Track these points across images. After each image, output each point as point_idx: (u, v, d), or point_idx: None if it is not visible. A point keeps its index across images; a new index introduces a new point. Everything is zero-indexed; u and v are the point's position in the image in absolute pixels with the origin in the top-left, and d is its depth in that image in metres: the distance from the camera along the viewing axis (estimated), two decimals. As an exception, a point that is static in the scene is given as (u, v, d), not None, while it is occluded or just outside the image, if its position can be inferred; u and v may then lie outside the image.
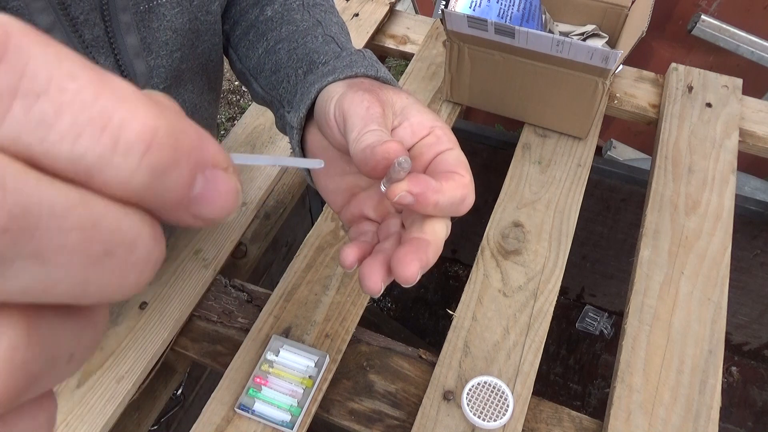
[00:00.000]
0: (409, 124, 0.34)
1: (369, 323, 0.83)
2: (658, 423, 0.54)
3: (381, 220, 0.37)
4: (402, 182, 0.30)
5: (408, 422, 0.56)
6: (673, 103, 0.79)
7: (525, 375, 0.57)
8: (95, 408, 0.54)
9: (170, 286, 0.63)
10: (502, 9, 0.75)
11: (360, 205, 0.37)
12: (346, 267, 0.33)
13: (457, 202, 0.31)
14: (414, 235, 0.31)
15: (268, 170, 0.74)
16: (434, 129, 0.34)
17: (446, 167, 0.32)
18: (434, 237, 0.31)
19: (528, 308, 0.61)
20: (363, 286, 0.31)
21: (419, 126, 0.34)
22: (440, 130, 0.34)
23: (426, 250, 0.30)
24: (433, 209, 0.30)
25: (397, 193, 0.29)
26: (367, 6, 0.93)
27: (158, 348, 0.58)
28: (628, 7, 0.77)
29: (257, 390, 0.55)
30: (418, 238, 0.31)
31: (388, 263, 0.31)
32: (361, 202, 0.37)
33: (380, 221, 0.37)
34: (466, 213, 0.32)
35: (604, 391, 1.37)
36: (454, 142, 0.33)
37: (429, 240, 0.30)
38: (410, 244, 0.30)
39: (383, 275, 0.30)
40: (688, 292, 0.62)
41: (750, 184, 1.26)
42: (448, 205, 0.30)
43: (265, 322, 0.60)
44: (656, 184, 0.71)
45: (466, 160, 0.33)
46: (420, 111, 0.34)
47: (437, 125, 0.34)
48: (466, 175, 0.32)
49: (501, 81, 0.73)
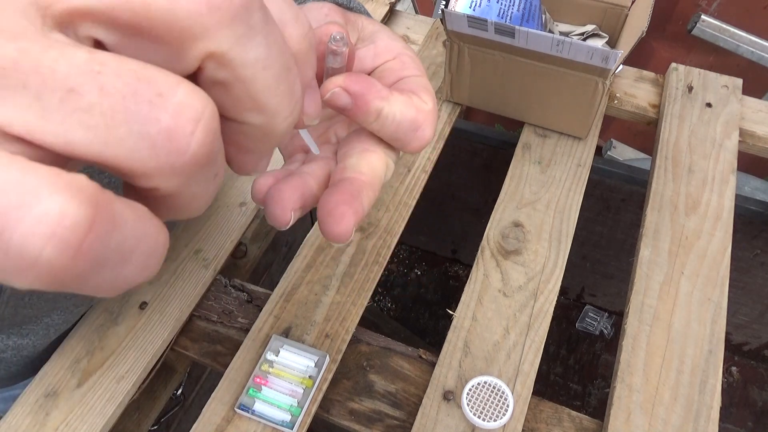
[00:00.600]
0: (374, 46, 0.30)
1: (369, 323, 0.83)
2: (658, 423, 0.54)
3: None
4: (338, 76, 0.24)
5: (408, 422, 0.56)
6: (673, 103, 0.79)
7: (525, 375, 0.57)
8: (95, 408, 0.54)
9: (170, 286, 0.63)
10: (502, 9, 0.75)
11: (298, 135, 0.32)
12: (258, 201, 0.26)
13: (407, 123, 0.25)
14: (347, 175, 0.25)
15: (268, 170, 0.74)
16: (401, 55, 0.29)
17: (407, 89, 0.27)
18: (371, 176, 0.26)
19: (528, 308, 0.61)
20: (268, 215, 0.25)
21: (385, 49, 0.30)
22: (407, 56, 0.29)
23: (360, 196, 0.25)
24: (375, 121, 0.25)
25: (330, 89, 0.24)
26: (367, 6, 0.93)
27: (158, 348, 0.58)
28: (628, 7, 0.77)
29: (257, 390, 0.55)
30: (351, 179, 0.25)
31: (305, 190, 0.26)
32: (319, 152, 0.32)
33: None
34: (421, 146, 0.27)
35: (604, 391, 1.37)
36: (421, 70, 0.29)
37: (364, 181, 0.25)
38: (342, 190, 0.24)
39: (295, 202, 0.25)
40: (688, 292, 0.62)
41: (750, 184, 1.26)
42: (394, 122, 0.25)
43: (265, 322, 0.60)
44: (656, 184, 0.71)
45: (433, 92, 0.28)
46: (390, 37, 0.30)
47: (405, 52, 0.30)
48: (428, 102, 0.27)
49: (501, 81, 0.73)
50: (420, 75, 0.29)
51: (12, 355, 0.55)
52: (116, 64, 0.13)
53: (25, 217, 0.12)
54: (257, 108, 0.16)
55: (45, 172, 0.12)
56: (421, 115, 0.26)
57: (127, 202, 0.14)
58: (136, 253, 0.14)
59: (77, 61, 0.13)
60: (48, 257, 0.12)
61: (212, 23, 0.14)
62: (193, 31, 0.14)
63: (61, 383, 0.56)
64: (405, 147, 0.26)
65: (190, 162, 0.14)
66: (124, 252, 0.14)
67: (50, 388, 0.56)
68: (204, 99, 0.14)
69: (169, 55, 0.15)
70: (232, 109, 0.16)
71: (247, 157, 0.18)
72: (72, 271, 0.12)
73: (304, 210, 0.26)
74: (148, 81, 0.13)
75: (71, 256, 0.12)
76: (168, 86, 0.14)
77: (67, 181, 0.12)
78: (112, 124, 0.13)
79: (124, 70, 0.13)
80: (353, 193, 0.24)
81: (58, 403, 0.55)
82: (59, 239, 0.12)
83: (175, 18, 0.14)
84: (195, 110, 0.14)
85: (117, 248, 0.13)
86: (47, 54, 0.13)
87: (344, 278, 0.63)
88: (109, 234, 0.13)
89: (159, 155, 0.14)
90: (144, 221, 0.14)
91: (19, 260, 0.12)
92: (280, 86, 0.16)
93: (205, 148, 0.14)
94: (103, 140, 0.13)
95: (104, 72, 0.13)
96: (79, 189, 0.12)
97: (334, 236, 0.24)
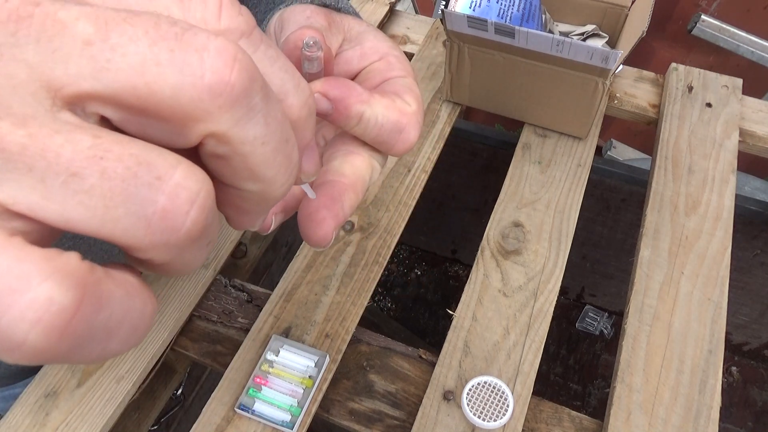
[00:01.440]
0: (361, 47, 0.29)
1: (369, 323, 0.83)
2: (658, 423, 0.54)
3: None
4: (317, 81, 0.24)
5: (408, 422, 0.56)
6: (673, 103, 0.79)
7: (525, 375, 0.57)
8: (95, 408, 0.54)
9: (170, 286, 0.63)
10: (502, 9, 0.75)
11: None
12: None
13: (390, 126, 0.25)
14: (329, 178, 0.25)
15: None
16: (387, 55, 0.29)
17: (391, 90, 0.27)
18: (354, 179, 0.25)
19: (528, 308, 0.61)
20: None
21: (371, 50, 0.29)
22: (394, 57, 0.29)
23: (341, 200, 0.24)
24: (357, 125, 0.24)
25: None
26: (367, 6, 0.93)
27: (158, 348, 0.58)
28: (628, 7, 0.77)
29: (257, 390, 0.55)
30: (332, 181, 0.25)
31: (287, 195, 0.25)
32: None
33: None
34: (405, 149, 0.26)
35: (604, 391, 1.37)
36: (407, 71, 0.29)
37: (346, 185, 0.25)
38: (322, 193, 0.24)
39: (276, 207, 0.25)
40: (688, 292, 0.62)
41: (750, 184, 1.26)
42: (376, 126, 0.25)
43: (265, 322, 0.60)
44: (656, 184, 0.71)
45: (419, 93, 0.27)
46: (377, 37, 0.30)
47: (392, 52, 0.29)
48: (412, 104, 0.26)
49: (501, 81, 0.73)
50: (405, 75, 0.28)
51: (12, 355, 0.55)
52: (119, 149, 0.14)
53: (16, 302, 0.12)
54: (255, 178, 0.17)
55: (38, 258, 0.13)
56: (405, 118, 0.25)
57: (117, 279, 0.15)
58: (122, 328, 0.15)
59: (81, 147, 0.14)
60: (33, 340, 0.13)
61: (214, 108, 0.15)
62: (195, 115, 0.15)
63: (61, 383, 0.56)
64: (390, 150, 0.26)
65: (183, 238, 0.15)
66: (110, 328, 0.14)
67: (50, 388, 0.56)
68: (200, 180, 0.15)
69: (172, 132, 0.15)
70: (230, 178, 0.17)
71: (245, 218, 0.19)
72: (57, 351, 0.13)
73: (287, 214, 0.26)
74: (148, 165, 0.14)
75: (56, 339, 0.13)
76: (166, 169, 0.14)
77: (57, 266, 0.13)
78: (111, 205, 0.14)
79: (125, 155, 0.14)
80: (334, 196, 0.24)
81: (58, 403, 0.55)
82: (45, 324, 0.13)
83: (178, 103, 0.15)
84: (191, 191, 0.15)
85: (103, 326, 0.14)
86: (53, 140, 0.13)
87: (344, 278, 0.63)
88: (95, 314, 0.14)
89: (154, 233, 0.15)
90: (132, 297, 0.15)
91: (6, 342, 0.13)
92: (277, 158, 0.17)
93: (199, 225, 0.15)
94: (100, 219, 0.14)
95: (107, 157, 0.14)
96: (68, 273, 0.13)
97: (314, 241, 0.24)
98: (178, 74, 0.14)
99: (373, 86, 0.28)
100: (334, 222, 0.24)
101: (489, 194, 1.18)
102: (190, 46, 0.15)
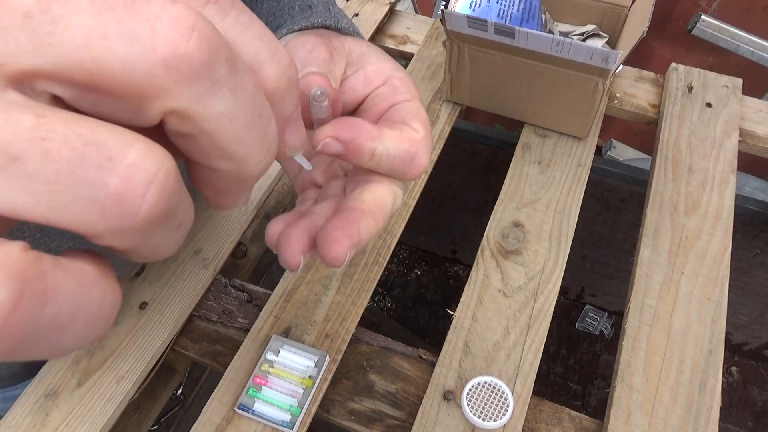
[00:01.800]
0: (364, 72, 0.29)
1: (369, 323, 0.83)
2: (658, 423, 0.54)
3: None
4: (327, 126, 0.24)
5: (408, 422, 0.56)
6: (673, 103, 0.79)
7: (525, 375, 0.57)
8: (95, 408, 0.54)
9: (170, 286, 0.63)
10: (502, 9, 0.75)
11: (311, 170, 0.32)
12: (270, 245, 0.27)
13: (402, 156, 0.25)
14: (349, 204, 0.25)
15: (268, 170, 0.74)
16: (391, 78, 0.29)
17: (398, 119, 0.27)
18: (374, 206, 0.26)
19: (528, 308, 0.61)
20: (279, 259, 0.25)
21: (375, 74, 0.29)
22: (398, 79, 0.29)
23: (358, 224, 0.24)
24: (370, 161, 0.25)
25: (320, 140, 0.24)
26: (367, 6, 0.93)
27: (158, 348, 0.58)
28: (628, 7, 0.77)
29: (257, 390, 0.55)
30: (351, 208, 0.25)
31: (314, 231, 0.25)
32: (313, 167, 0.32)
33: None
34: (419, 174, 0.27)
35: (604, 391, 1.37)
36: (412, 93, 0.29)
37: (364, 210, 0.25)
38: (340, 217, 0.25)
39: (304, 245, 0.25)
40: (688, 292, 0.62)
41: (750, 184, 1.26)
42: (389, 158, 0.25)
43: (265, 322, 0.60)
44: (656, 184, 0.71)
45: (426, 116, 0.28)
46: (378, 59, 0.30)
47: (395, 74, 0.29)
48: (420, 130, 0.27)
49: (501, 81, 0.73)
50: (411, 99, 0.28)
51: (12, 355, 0.54)
52: (64, 129, 0.13)
53: None
54: (226, 156, 0.16)
55: None
56: (415, 146, 0.26)
57: (68, 270, 0.14)
58: (76, 323, 0.14)
59: (22, 128, 0.13)
60: None
61: (170, 83, 0.14)
62: (150, 91, 0.14)
63: (61, 383, 0.56)
64: (404, 177, 0.27)
65: (142, 223, 0.14)
66: (60, 323, 0.13)
67: (50, 388, 0.56)
68: (158, 159, 0.14)
69: (128, 110, 0.14)
70: (200, 157, 0.16)
71: (225, 197, 0.19)
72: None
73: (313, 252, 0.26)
74: (97, 145, 0.13)
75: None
76: (119, 148, 0.13)
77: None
78: (57, 190, 0.13)
79: (72, 135, 0.13)
80: (350, 219, 0.24)
81: (58, 403, 0.55)
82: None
83: (130, 79, 0.14)
84: (147, 172, 0.14)
85: (50, 321, 0.13)
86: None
87: (344, 278, 0.63)
88: (38, 309, 0.13)
89: (108, 219, 0.13)
90: (87, 288, 0.14)
91: None
92: (249, 135, 0.16)
93: (158, 207, 0.14)
94: (47, 205, 0.13)
95: (50, 138, 0.13)
96: (7, 266, 0.12)
97: (328, 260, 0.24)
98: (127, 47, 0.13)
99: (380, 113, 0.28)
100: (349, 242, 0.24)
101: (489, 194, 1.18)
102: (141, 16, 0.13)
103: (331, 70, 0.28)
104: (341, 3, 0.95)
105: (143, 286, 0.62)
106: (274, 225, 0.27)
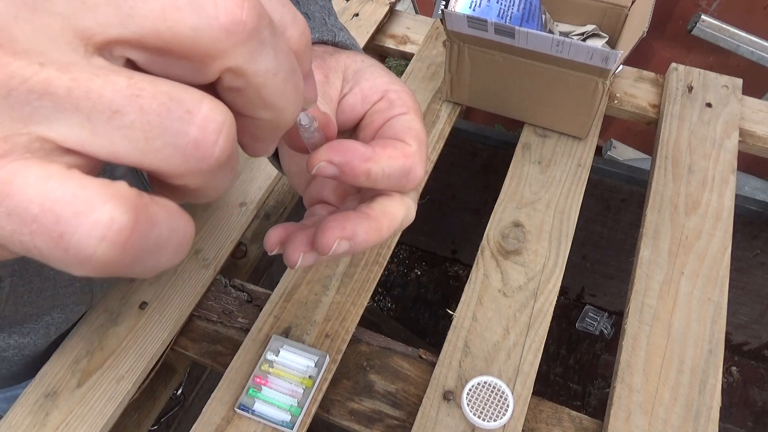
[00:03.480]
0: (360, 89, 0.30)
1: (369, 323, 0.83)
2: (658, 423, 0.54)
3: (339, 204, 0.32)
4: (321, 150, 0.25)
5: (408, 422, 0.56)
6: (673, 103, 0.79)
7: (525, 375, 0.57)
8: (95, 408, 0.54)
9: (170, 286, 0.63)
10: (502, 9, 0.75)
11: (319, 187, 0.33)
12: (267, 249, 0.28)
13: (397, 173, 0.26)
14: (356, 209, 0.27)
15: (268, 170, 0.74)
16: (387, 93, 0.30)
17: (392, 134, 0.28)
18: (380, 213, 0.27)
19: (528, 308, 0.61)
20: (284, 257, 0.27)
21: (371, 90, 0.30)
22: (393, 93, 0.30)
23: (355, 222, 0.25)
24: (366, 181, 0.26)
25: (314, 164, 0.25)
26: (367, 6, 0.93)
27: (158, 348, 0.58)
28: (628, 7, 0.77)
29: (257, 390, 0.55)
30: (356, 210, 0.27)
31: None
32: (320, 184, 0.33)
33: (338, 205, 0.32)
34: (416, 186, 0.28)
35: (604, 391, 1.37)
36: (408, 106, 0.30)
37: (369, 215, 0.26)
38: (341, 214, 0.26)
39: (306, 246, 0.26)
40: (688, 292, 0.62)
41: (750, 184, 1.26)
42: (385, 177, 0.26)
43: (265, 322, 0.60)
44: (656, 184, 0.71)
45: (420, 127, 0.29)
46: (374, 74, 0.31)
47: (391, 89, 0.30)
48: (412, 144, 0.27)
49: (501, 81, 0.73)
50: (406, 112, 0.29)
51: (14, 354, 0.55)
52: (151, 88, 0.16)
53: (83, 223, 0.15)
54: (268, 107, 0.19)
55: (96, 186, 0.15)
56: (409, 160, 0.27)
57: (160, 203, 0.16)
58: (170, 244, 0.17)
59: (119, 86, 0.15)
60: (101, 254, 0.15)
61: (229, 45, 0.17)
62: (213, 53, 0.17)
63: (61, 383, 0.56)
64: (401, 190, 0.28)
65: (214, 165, 0.17)
66: (160, 244, 0.16)
67: (50, 388, 0.56)
68: (224, 112, 0.17)
69: (193, 70, 0.17)
70: (246, 108, 0.19)
71: (260, 144, 0.21)
72: (120, 263, 0.15)
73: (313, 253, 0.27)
74: (178, 100, 0.16)
75: (119, 252, 0.15)
76: (194, 103, 0.16)
77: (113, 192, 0.15)
78: (151, 137, 0.16)
79: (158, 92, 0.16)
80: (348, 216, 0.26)
81: (58, 403, 0.55)
82: (109, 240, 0.15)
83: (198, 43, 0.16)
84: (217, 122, 0.16)
85: (154, 241, 0.16)
86: (94, 82, 0.15)
87: (344, 278, 0.63)
88: (148, 231, 0.16)
89: (189, 161, 0.16)
90: (175, 217, 0.17)
91: (78, 256, 0.15)
92: (287, 87, 0.19)
93: (226, 152, 0.17)
94: (142, 150, 0.16)
95: (142, 95, 0.15)
96: (123, 198, 0.15)
97: (318, 248, 0.25)
98: (196, 17, 0.16)
99: (376, 128, 0.29)
100: (339, 233, 0.25)
101: (489, 194, 1.18)
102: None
103: (326, 92, 0.30)
104: (341, 3, 0.95)
105: (143, 286, 0.62)
106: (272, 234, 0.28)
